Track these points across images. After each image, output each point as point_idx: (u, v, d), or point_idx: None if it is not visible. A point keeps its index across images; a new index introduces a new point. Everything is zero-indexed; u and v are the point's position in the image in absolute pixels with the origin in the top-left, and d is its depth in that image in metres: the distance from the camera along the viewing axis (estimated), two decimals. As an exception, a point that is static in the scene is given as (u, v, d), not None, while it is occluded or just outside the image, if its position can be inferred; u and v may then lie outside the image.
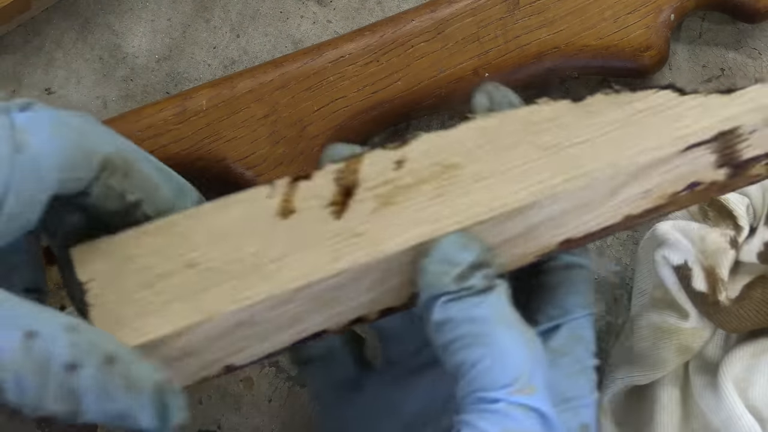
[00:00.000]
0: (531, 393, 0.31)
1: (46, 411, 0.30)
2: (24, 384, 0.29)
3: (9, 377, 0.29)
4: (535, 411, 0.31)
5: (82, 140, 0.34)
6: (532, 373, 0.31)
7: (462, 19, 0.47)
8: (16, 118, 0.33)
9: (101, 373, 0.30)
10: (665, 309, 0.44)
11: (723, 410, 0.41)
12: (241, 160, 0.46)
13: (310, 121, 0.46)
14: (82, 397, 0.30)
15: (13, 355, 0.29)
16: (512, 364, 0.31)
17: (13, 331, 0.29)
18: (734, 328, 0.42)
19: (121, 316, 0.36)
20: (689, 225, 0.44)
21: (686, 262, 0.42)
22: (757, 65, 0.50)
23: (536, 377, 0.32)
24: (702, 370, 0.44)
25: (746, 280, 0.42)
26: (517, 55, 0.47)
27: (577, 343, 0.36)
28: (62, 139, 0.33)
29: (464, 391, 0.32)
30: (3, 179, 0.31)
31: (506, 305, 0.33)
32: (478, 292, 0.32)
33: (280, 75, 0.46)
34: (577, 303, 0.37)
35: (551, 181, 0.37)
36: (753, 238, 0.43)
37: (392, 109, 0.46)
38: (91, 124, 0.35)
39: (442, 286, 0.33)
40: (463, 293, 0.32)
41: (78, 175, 0.34)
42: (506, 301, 0.33)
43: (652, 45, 0.47)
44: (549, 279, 0.38)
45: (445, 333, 0.32)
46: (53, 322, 0.30)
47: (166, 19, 0.50)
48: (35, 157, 0.32)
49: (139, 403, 0.31)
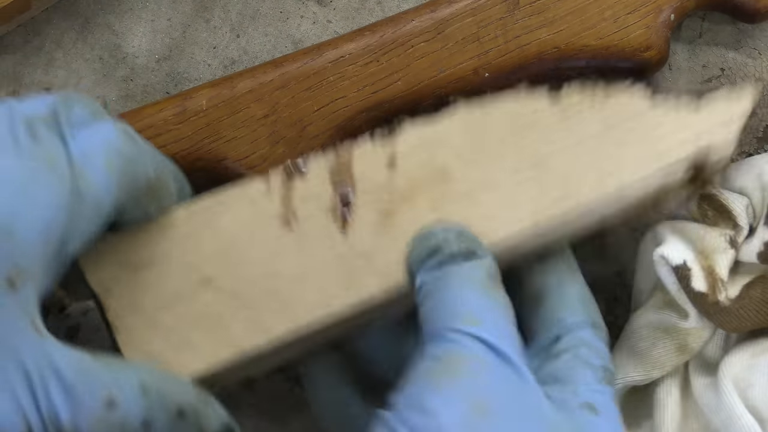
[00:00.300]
0: (478, 324, 0.34)
1: None
2: None
3: None
4: (482, 341, 0.33)
5: (131, 169, 0.35)
6: (484, 313, 0.34)
7: (462, 19, 0.47)
8: (73, 148, 0.33)
9: (174, 426, 0.32)
10: (665, 309, 0.44)
11: (723, 410, 0.41)
12: (241, 160, 0.46)
13: (310, 121, 0.46)
14: None
15: (94, 424, 0.31)
16: (467, 304, 0.34)
17: (96, 401, 0.31)
18: (734, 328, 0.42)
19: (150, 349, 0.36)
20: (688, 225, 0.44)
21: (685, 262, 0.42)
22: (757, 65, 0.50)
23: (487, 317, 0.34)
24: (702, 370, 0.44)
25: (746, 280, 0.42)
26: (517, 55, 0.47)
27: (580, 345, 0.37)
28: (117, 174, 0.34)
29: (424, 332, 0.35)
30: (64, 225, 0.32)
31: (482, 274, 0.36)
32: (455, 259, 0.36)
33: (280, 75, 0.46)
34: (575, 317, 0.38)
35: (541, 203, 0.39)
36: (753, 238, 0.43)
37: (392, 109, 0.46)
38: (133, 143, 0.36)
39: (423, 255, 0.36)
40: (442, 259, 0.36)
41: (127, 206, 0.35)
42: (484, 271, 0.36)
43: (652, 45, 0.47)
44: (544, 298, 0.40)
45: (422, 294, 0.35)
46: (130, 383, 0.32)
47: (166, 19, 0.50)
48: (96, 203, 0.33)
49: None
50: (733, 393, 0.41)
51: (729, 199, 0.44)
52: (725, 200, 0.44)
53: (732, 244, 0.43)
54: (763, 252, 0.42)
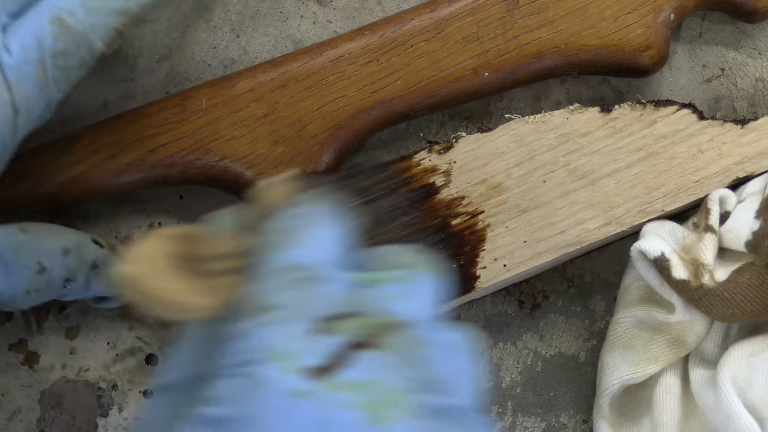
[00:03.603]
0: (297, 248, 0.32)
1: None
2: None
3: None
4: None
5: (65, 64, 0.42)
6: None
7: (462, 18, 0.47)
8: (5, 59, 0.41)
9: (90, 275, 0.44)
10: (650, 305, 0.45)
11: (722, 409, 0.41)
12: (240, 159, 0.46)
13: (309, 121, 0.46)
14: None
15: (27, 287, 0.42)
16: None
17: (28, 269, 0.42)
18: (722, 316, 0.42)
19: None
20: (667, 223, 0.44)
21: (663, 254, 0.43)
22: (757, 65, 0.50)
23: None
24: (701, 369, 0.44)
25: (735, 266, 0.43)
26: (516, 54, 0.47)
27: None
28: (51, 80, 0.42)
29: None
30: (7, 135, 0.42)
31: (322, 206, 0.34)
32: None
33: (280, 74, 0.46)
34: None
35: (588, 225, 0.44)
36: (741, 227, 0.43)
37: (392, 108, 0.46)
38: (67, 34, 0.42)
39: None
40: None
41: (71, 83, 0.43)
42: (326, 204, 0.34)
43: (652, 45, 0.47)
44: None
45: None
46: (53, 250, 0.42)
47: (166, 19, 0.50)
48: (29, 110, 0.42)
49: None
50: (732, 392, 0.41)
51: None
52: None
53: (707, 228, 0.43)
54: (751, 240, 0.42)
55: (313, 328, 0.30)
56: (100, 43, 0.41)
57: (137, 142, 0.46)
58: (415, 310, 0.32)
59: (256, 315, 0.30)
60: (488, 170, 0.44)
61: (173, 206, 0.50)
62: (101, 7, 0.41)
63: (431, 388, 0.30)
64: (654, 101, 0.45)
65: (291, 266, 0.31)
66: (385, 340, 0.30)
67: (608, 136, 0.45)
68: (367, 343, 0.30)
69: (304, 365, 0.29)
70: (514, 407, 0.49)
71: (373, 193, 0.42)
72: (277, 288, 0.31)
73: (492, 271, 0.44)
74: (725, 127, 0.45)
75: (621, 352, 0.45)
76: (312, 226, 0.32)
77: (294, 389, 0.28)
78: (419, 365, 0.30)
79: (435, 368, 0.30)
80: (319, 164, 0.46)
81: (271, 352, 0.29)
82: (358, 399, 0.28)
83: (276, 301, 0.30)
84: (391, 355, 0.30)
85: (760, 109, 0.49)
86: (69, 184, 0.45)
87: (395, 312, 0.32)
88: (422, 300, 0.33)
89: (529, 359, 0.49)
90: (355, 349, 0.30)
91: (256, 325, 0.29)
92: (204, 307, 0.32)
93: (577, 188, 0.44)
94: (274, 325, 0.29)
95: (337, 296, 0.31)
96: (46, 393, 0.49)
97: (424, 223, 0.44)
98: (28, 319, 0.49)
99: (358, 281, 0.32)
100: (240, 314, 0.30)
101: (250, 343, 0.29)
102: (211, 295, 0.32)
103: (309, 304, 0.30)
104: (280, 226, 0.33)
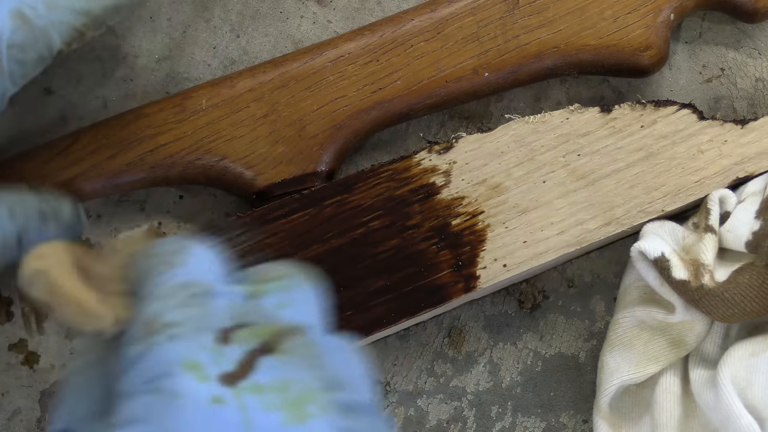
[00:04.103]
0: (181, 267, 0.33)
1: None
2: None
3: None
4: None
5: (23, 57, 0.41)
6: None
7: (461, 18, 0.47)
8: None
9: (41, 228, 0.41)
10: (650, 306, 0.45)
11: (722, 409, 0.41)
12: (240, 159, 0.46)
13: (309, 121, 0.46)
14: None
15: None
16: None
17: None
18: (723, 316, 0.42)
19: None
20: (664, 223, 0.44)
21: (663, 254, 0.43)
22: (757, 65, 0.50)
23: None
24: (701, 370, 0.44)
25: (735, 266, 0.43)
26: (516, 54, 0.47)
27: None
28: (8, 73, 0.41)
29: None
30: None
31: (188, 238, 0.35)
32: None
33: (280, 74, 0.46)
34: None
35: (588, 226, 0.44)
36: (741, 227, 0.43)
37: (392, 108, 0.46)
38: (27, 27, 0.41)
39: None
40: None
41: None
42: (190, 237, 0.35)
43: (651, 45, 0.47)
44: None
45: None
46: (1, 213, 0.40)
47: (166, 19, 0.50)
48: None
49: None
50: (732, 392, 0.41)
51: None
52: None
53: (707, 229, 0.43)
54: (752, 241, 0.42)
55: (216, 339, 0.31)
56: (59, 40, 0.41)
57: (137, 142, 0.46)
58: (302, 316, 0.33)
59: (158, 332, 0.30)
60: (488, 170, 0.44)
61: (173, 206, 0.50)
62: (63, 5, 0.41)
63: (337, 386, 0.31)
64: (654, 101, 0.45)
65: (182, 284, 0.32)
66: (284, 345, 0.31)
67: (608, 136, 0.45)
68: (270, 349, 0.31)
69: (218, 372, 0.30)
70: (514, 407, 0.49)
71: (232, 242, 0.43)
72: (175, 305, 0.31)
73: (492, 271, 0.44)
74: (725, 127, 0.45)
75: (621, 352, 0.45)
76: (187, 249, 0.34)
77: (213, 396, 0.29)
78: (320, 366, 0.31)
79: (333, 369, 0.32)
80: (319, 164, 0.46)
81: (182, 365, 0.29)
82: (276, 400, 0.29)
83: (176, 318, 0.31)
84: (293, 358, 0.31)
85: (760, 109, 0.49)
86: (69, 184, 0.45)
87: (285, 319, 0.33)
88: (306, 306, 0.34)
89: (529, 359, 0.49)
90: (260, 355, 0.31)
91: (160, 341, 0.30)
92: (110, 316, 0.33)
93: (577, 188, 0.44)
94: (179, 339, 0.30)
95: (229, 309, 0.32)
96: (46, 393, 0.49)
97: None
98: (28, 319, 0.49)
99: (244, 294, 0.34)
100: (138, 335, 0.31)
101: (157, 359, 0.30)
102: (113, 309, 0.33)
103: (208, 318, 0.31)
104: (156, 252, 0.34)
